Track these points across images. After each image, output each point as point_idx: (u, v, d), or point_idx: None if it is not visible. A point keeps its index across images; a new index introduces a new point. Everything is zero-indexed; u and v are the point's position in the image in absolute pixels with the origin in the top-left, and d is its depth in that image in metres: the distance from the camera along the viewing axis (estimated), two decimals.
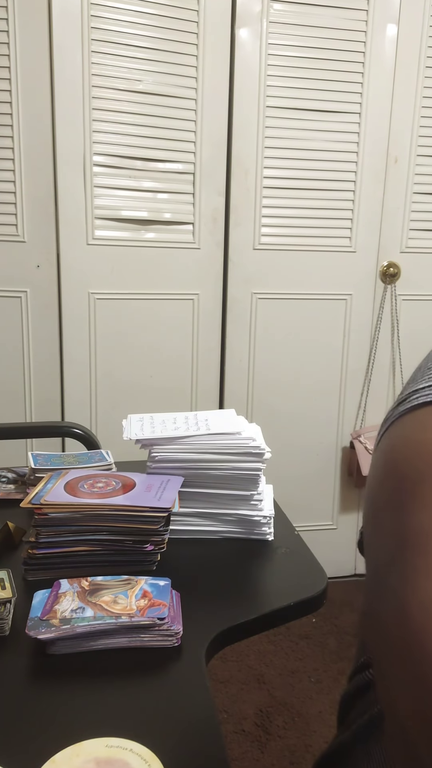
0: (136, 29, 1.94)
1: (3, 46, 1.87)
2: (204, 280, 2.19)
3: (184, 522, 1.00)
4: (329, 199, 2.23)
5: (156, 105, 2.01)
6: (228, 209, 2.17)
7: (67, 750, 0.54)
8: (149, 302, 2.15)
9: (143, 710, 0.62)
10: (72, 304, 2.06)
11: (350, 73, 2.15)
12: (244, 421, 1.07)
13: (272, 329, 2.28)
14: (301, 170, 2.18)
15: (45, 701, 0.63)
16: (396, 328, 2.36)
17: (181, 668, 0.69)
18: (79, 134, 1.95)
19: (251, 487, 1.00)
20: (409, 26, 2.15)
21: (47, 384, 2.11)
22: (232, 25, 2.05)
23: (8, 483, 1.18)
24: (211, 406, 2.28)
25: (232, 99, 2.10)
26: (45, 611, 0.72)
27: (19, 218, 1.98)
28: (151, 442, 1.00)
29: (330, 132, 2.17)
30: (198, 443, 0.99)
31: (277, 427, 2.32)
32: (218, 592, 0.86)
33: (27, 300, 2.04)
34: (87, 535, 0.86)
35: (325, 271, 2.28)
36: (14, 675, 0.67)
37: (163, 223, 2.11)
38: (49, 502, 0.86)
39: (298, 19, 2.07)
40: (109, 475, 0.98)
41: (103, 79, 1.95)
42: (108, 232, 2.05)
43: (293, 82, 2.11)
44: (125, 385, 2.17)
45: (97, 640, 0.70)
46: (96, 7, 1.89)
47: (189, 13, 1.99)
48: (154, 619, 0.71)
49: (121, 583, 0.79)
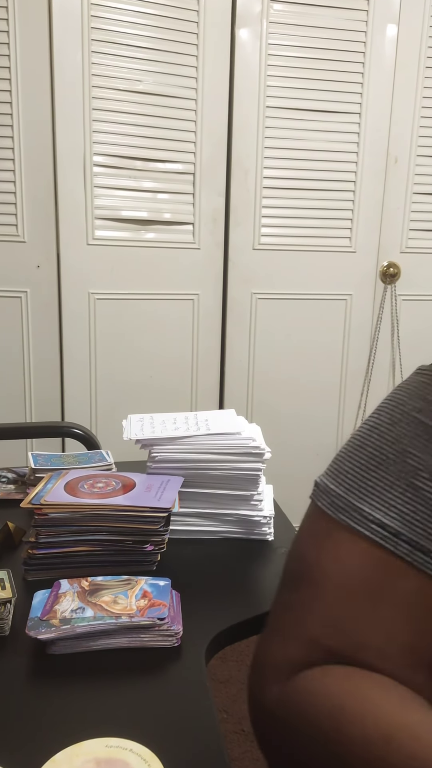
0: (136, 29, 1.94)
1: (3, 46, 1.87)
2: (204, 281, 2.19)
3: (184, 522, 1.00)
4: (329, 199, 2.23)
5: (156, 105, 2.01)
6: (228, 209, 2.17)
7: (67, 750, 0.54)
8: (149, 302, 2.15)
9: (143, 710, 0.62)
10: (72, 304, 2.06)
11: (350, 73, 2.15)
12: (244, 421, 1.07)
13: (272, 329, 2.28)
14: (301, 170, 2.18)
15: (45, 701, 0.63)
16: (396, 328, 2.36)
17: (181, 668, 0.69)
18: (79, 134, 1.95)
19: (251, 487, 1.00)
20: (409, 26, 2.15)
21: (47, 384, 2.11)
22: (232, 26, 2.05)
23: (8, 483, 1.18)
24: (211, 406, 2.28)
25: (232, 99, 2.10)
26: (45, 611, 0.72)
27: (19, 218, 1.98)
28: (151, 443, 1.00)
29: (330, 132, 2.17)
30: (198, 443, 0.99)
31: (277, 427, 2.32)
32: (218, 592, 0.86)
33: (27, 300, 2.04)
34: (87, 535, 0.86)
35: (325, 271, 2.28)
36: (14, 675, 0.67)
37: (163, 223, 2.11)
38: (49, 503, 0.86)
39: (298, 19, 2.07)
40: (109, 475, 0.98)
41: (103, 80, 1.95)
42: (108, 232, 2.05)
43: (293, 82, 2.12)
44: (125, 385, 2.17)
45: (97, 640, 0.70)
46: (96, 7, 1.89)
47: (189, 13, 1.99)
48: (154, 620, 0.71)
49: (121, 583, 0.79)
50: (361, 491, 0.57)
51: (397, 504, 0.55)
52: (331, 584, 0.56)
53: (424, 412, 0.57)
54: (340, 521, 0.56)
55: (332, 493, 0.59)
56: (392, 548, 0.54)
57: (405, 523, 0.54)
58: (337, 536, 0.56)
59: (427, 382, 0.59)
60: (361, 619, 0.55)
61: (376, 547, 0.54)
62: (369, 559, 0.55)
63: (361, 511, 0.56)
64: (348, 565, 0.56)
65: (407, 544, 0.54)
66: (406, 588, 0.54)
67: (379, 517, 0.55)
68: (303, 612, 0.57)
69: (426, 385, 0.59)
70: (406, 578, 0.54)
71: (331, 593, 0.56)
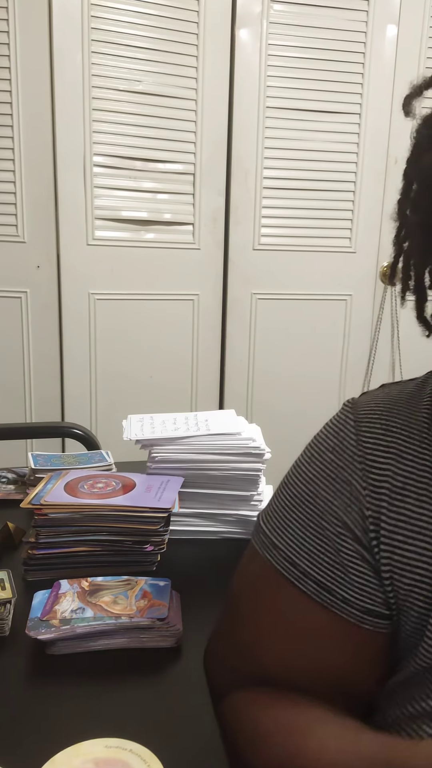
0: (136, 29, 1.94)
1: (3, 46, 1.86)
2: (204, 281, 2.19)
3: (184, 522, 1.00)
4: (329, 200, 2.23)
5: (156, 105, 2.01)
6: (228, 209, 2.17)
7: (67, 750, 0.54)
8: (149, 303, 2.14)
9: (143, 710, 0.62)
10: (72, 304, 2.06)
11: (350, 73, 2.15)
12: (244, 421, 1.07)
13: (272, 329, 2.28)
14: (301, 170, 2.18)
15: (45, 701, 0.63)
16: (396, 328, 2.36)
17: (181, 668, 0.69)
18: (79, 134, 1.95)
19: (251, 487, 1.00)
20: (409, 26, 2.15)
21: (47, 384, 2.11)
22: (232, 26, 2.05)
23: (8, 483, 1.18)
24: (211, 406, 2.28)
25: (232, 99, 2.10)
26: (45, 612, 0.72)
27: (19, 218, 1.98)
28: (151, 443, 1.00)
29: (330, 132, 2.17)
30: (198, 444, 0.99)
31: (277, 428, 2.31)
32: (218, 592, 0.86)
33: (27, 300, 2.04)
34: (87, 536, 0.86)
35: (325, 271, 2.28)
36: (14, 675, 0.67)
37: (163, 223, 2.11)
38: (49, 503, 0.86)
39: (298, 20, 2.07)
40: (109, 475, 0.98)
41: (103, 80, 1.95)
42: (108, 233, 2.05)
43: (293, 83, 2.11)
44: (125, 385, 2.17)
45: (97, 640, 0.70)
46: (96, 8, 1.89)
47: (189, 13, 1.99)
48: (154, 620, 0.71)
49: (121, 583, 0.79)
50: (281, 530, 0.58)
51: (307, 545, 0.56)
52: (248, 617, 0.60)
53: (336, 452, 0.56)
54: (264, 558, 0.59)
55: (260, 530, 0.61)
56: (302, 587, 0.56)
57: (312, 564, 0.55)
58: (262, 572, 0.59)
59: (344, 418, 0.58)
60: (272, 650, 0.58)
61: (290, 584, 0.56)
62: (280, 595, 0.57)
63: (279, 549, 0.58)
64: (265, 600, 0.59)
65: (314, 583, 0.55)
66: (316, 624, 0.56)
67: (291, 557, 0.56)
68: (224, 639, 0.64)
69: (343, 421, 0.58)
70: (314, 615, 0.55)
71: (247, 626, 0.61)
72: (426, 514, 0.52)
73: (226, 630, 0.64)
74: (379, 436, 0.55)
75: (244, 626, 0.61)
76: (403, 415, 0.55)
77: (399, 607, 0.53)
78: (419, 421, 0.55)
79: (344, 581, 0.54)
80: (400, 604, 0.53)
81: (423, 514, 0.52)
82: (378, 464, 0.54)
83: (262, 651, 0.59)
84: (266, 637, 0.58)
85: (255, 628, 0.60)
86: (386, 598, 0.53)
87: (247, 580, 0.62)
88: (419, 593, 0.51)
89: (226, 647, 0.64)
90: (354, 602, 0.54)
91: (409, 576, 0.52)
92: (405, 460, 0.53)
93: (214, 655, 0.66)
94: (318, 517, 0.55)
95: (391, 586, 0.53)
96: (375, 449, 0.54)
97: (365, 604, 0.54)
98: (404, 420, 0.55)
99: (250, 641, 0.60)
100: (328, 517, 0.55)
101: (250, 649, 0.60)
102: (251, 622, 0.60)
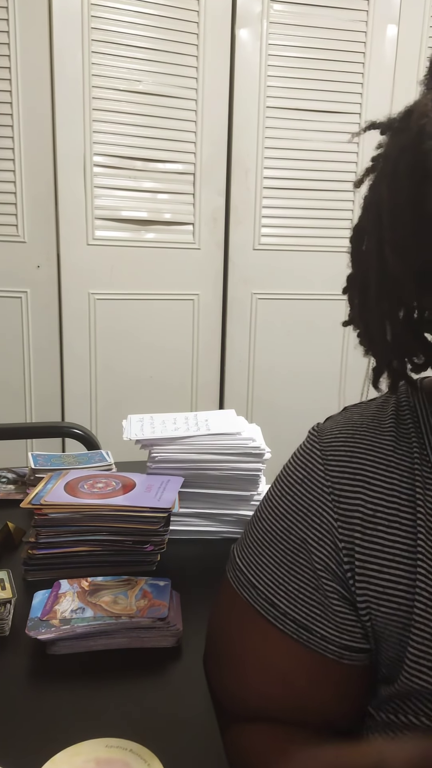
0: (136, 29, 1.94)
1: (3, 46, 1.87)
2: (204, 280, 2.19)
3: (184, 522, 1.00)
4: (329, 200, 2.23)
5: (156, 105, 2.01)
6: (228, 209, 2.17)
7: (68, 750, 0.54)
8: (149, 302, 2.15)
9: (143, 710, 0.62)
10: (72, 304, 2.06)
11: (350, 73, 2.15)
12: (244, 421, 1.07)
13: (272, 329, 2.28)
14: (301, 170, 2.18)
15: (45, 701, 0.63)
16: None
17: (181, 668, 0.69)
18: (79, 134, 1.95)
19: (251, 487, 1.00)
20: (409, 26, 2.15)
21: (47, 384, 2.11)
22: (232, 26, 2.05)
23: (8, 483, 1.18)
24: (212, 406, 2.28)
25: (232, 99, 2.10)
26: (45, 611, 0.72)
27: (19, 218, 1.98)
28: (151, 443, 1.00)
29: (330, 132, 2.17)
30: (198, 444, 0.99)
31: (277, 427, 2.32)
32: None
33: (27, 300, 2.04)
34: (87, 536, 0.86)
35: (325, 271, 2.28)
36: (14, 675, 0.67)
37: (163, 223, 2.11)
38: (49, 503, 0.86)
39: (298, 20, 2.07)
40: (109, 475, 0.98)
41: (103, 79, 1.95)
42: (108, 233, 2.05)
43: (293, 82, 2.12)
44: (125, 385, 2.17)
45: (97, 640, 0.70)
46: (96, 7, 1.89)
47: (189, 13, 1.99)
48: (154, 620, 0.71)
49: (121, 583, 0.79)
50: (257, 568, 0.57)
51: (284, 583, 0.55)
52: (229, 658, 0.61)
53: (305, 484, 0.55)
54: (242, 597, 0.58)
55: (236, 565, 0.60)
56: (281, 627, 0.55)
57: (291, 603, 0.55)
58: (240, 611, 0.58)
59: (309, 447, 0.57)
60: (254, 690, 0.58)
61: (269, 624, 0.56)
62: (260, 635, 0.57)
63: (256, 588, 0.57)
64: (244, 641, 0.58)
65: (293, 623, 0.54)
66: (297, 663, 0.55)
67: (270, 597, 0.56)
68: (211, 674, 0.64)
69: (309, 451, 0.57)
70: (294, 653, 0.55)
71: (228, 667, 0.61)
72: (398, 541, 0.50)
73: (211, 667, 0.65)
74: (344, 463, 0.53)
75: (225, 667, 0.61)
76: (368, 440, 0.54)
77: (377, 636, 0.52)
78: (383, 446, 0.53)
79: (323, 619, 0.53)
80: (378, 634, 0.52)
81: (395, 541, 0.50)
82: (347, 493, 0.52)
83: (245, 693, 0.59)
84: (248, 678, 0.58)
85: (236, 671, 0.60)
86: (365, 632, 0.53)
87: (225, 618, 0.61)
88: (398, 621, 0.50)
89: (213, 682, 0.64)
90: (333, 639, 0.53)
91: (386, 605, 0.51)
92: (374, 487, 0.52)
93: (207, 677, 0.66)
94: (293, 554, 0.54)
95: (368, 616, 0.51)
96: (342, 477, 0.53)
97: (343, 640, 0.53)
98: (368, 444, 0.53)
99: (234, 683, 0.60)
100: (303, 553, 0.54)
101: (233, 689, 0.60)
102: (233, 664, 0.60)
